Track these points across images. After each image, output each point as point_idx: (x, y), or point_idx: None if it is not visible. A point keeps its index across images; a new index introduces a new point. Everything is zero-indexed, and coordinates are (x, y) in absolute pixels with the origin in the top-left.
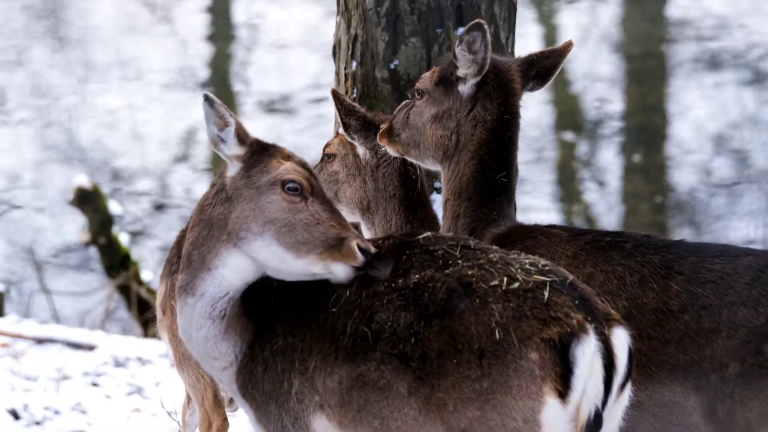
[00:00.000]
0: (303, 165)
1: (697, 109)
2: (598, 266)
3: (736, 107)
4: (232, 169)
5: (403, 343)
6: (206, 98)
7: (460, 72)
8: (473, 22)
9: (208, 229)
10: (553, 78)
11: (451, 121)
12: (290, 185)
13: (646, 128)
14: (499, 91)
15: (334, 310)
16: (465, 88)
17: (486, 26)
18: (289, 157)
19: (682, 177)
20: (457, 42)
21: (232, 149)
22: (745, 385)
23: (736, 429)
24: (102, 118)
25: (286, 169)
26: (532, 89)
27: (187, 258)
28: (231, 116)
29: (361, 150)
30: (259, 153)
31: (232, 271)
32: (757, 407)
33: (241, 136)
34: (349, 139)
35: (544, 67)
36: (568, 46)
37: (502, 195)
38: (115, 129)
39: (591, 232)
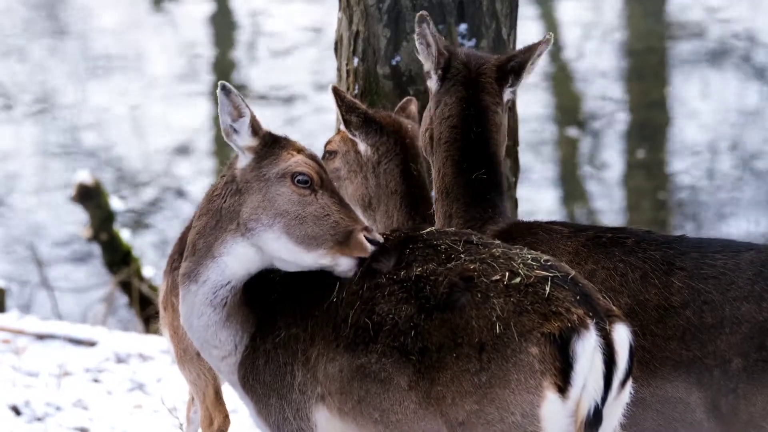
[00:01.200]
0: (313, 158)
1: (699, 105)
2: (600, 263)
3: (738, 103)
4: (243, 161)
5: (404, 335)
6: (223, 87)
7: (425, 67)
8: (418, 14)
9: (216, 220)
10: (528, 72)
11: (428, 118)
12: (300, 178)
13: (648, 124)
14: (460, 86)
15: (336, 301)
16: (432, 84)
17: (428, 17)
18: (300, 150)
19: (684, 173)
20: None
21: (245, 140)
22: (748, 380)
23: (739, 424)
24: (104, 114)
25: (296, 162)
26: (512, 85)
27: (192, 246)
28: (246, 107)
29: (362, 146)
30: (270, 145)
31: (236, 260)
32: (760, 402)
33: (255, 128)
34: (350, 136)
35: (519, 61)
36: (545, 41)
37: (492, 192)
38: (118, 125)
39: (592, 228)
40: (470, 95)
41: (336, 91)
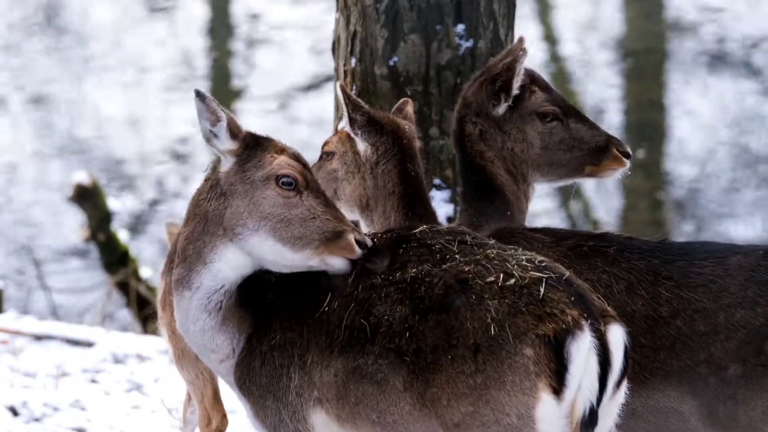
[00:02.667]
0: (297, 158)
1: (697, 105)
2: (583, 274)
3: (735, 103)
4: (226, 164)
5: (399, 337)
6: (198, 94)
7: None
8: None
9: (203, 224)
10: (514, 88)
11: None
12: (284, 180)
13: (646, 124)
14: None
15: (330, 303)
16: None
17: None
18: (282, 150)
19: (682, 173)
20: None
21: (225, 144)
22: (747, 385)
23: (738, 429)
24: (102, 113)
25: (279, 164)
26: (505, 101)
27: (183, 252)
28: (223, 111)
29: (362, 146)
30: (252, 147)
31: (228, 265)
32: (761, 406)
33: (234, 131)
34: (352, 134)
35: (504, 80)
36: (521, 52)
37: (480, 197)
38: (115, 125)
39: (574, 235)
40: (457, 108)
41: (344, 90)
